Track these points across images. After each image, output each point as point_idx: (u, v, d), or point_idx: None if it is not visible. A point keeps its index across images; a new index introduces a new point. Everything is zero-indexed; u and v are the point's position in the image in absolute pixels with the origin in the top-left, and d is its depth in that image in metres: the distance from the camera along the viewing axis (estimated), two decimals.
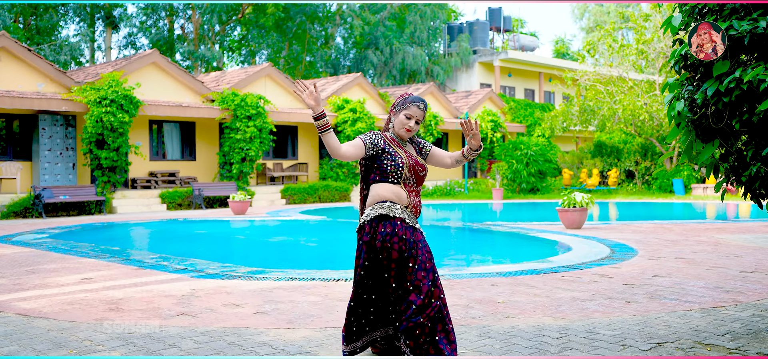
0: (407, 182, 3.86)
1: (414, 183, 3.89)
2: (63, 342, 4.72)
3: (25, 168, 18.35)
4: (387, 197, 3.82)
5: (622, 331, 4.81)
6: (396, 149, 3.85)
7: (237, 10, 39.12)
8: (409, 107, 3.84)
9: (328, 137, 3.66)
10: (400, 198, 3.83)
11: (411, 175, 3.86)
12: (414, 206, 3.87)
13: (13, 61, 17.62)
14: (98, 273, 7.67)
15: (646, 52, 25.27)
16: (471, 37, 39.16)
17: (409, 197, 3.84)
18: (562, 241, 10.47)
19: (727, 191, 4.67)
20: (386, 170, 3.82)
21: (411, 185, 3.87)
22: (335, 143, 3.68)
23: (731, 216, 15.78)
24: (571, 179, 27.48)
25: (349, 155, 3.74)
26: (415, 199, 3.87)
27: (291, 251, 11.67)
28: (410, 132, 3.87)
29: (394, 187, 3.83)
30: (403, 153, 3.85)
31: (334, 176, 23.77)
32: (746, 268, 7.58)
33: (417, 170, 3.87)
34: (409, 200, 3.84)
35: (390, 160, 3.82)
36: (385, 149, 3.84)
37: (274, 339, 4.72)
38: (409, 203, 3.84)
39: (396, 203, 3.82)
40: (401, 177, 3.83)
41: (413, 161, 3.87)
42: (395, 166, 3.81)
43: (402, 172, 3.82)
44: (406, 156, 3.85)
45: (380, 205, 3.81)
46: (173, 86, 20.71)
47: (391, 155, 3.83)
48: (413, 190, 3.88)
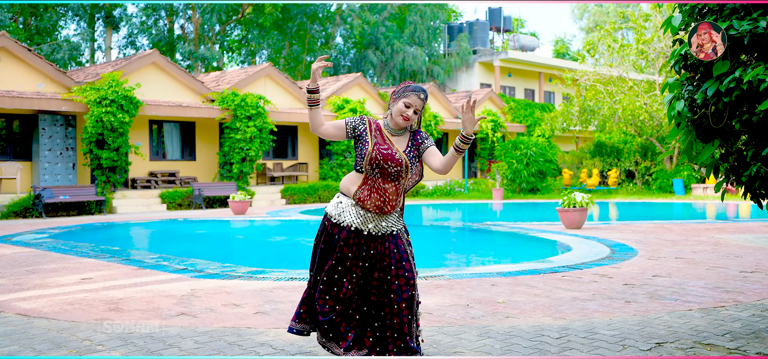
0: (368, 175, 3.63)
1: (379, 178, 3.61)
2: (63, 342, 4.72)
3: (25, 168, 18.35)
4: (342, 189, 3.73)
5: (622, 331, 4.81)
6: (370, 137, 3.64)
7: (237, 10, 39.12)
8: (409, 96, 3.66)
9: (314, 112, 3.60)
10: (349, 191, 3.67)
11: (371, 168, 3.60)
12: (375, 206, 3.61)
13: (13, 61, 17.62)
14: (98, 273, 7.67)
15: (646, 52, 25.27)
16: (471, 37, 39.16)
17: (359, 192, 3.62)
18: (562, 241, 10.47)
19: (727, 191, 4.67)
20: (357, 157, 3.69)
21: (374, 179, 3.62)
22: (319, 119, 3.61)
23: (731, 216, 15.77)
24: (571, 179, 27.47)
25: (329, 134, 3.66)
26: (375, 197, 3.60)
27: (291, 251, 11.67)
28: (407, 121, 3.65)
29: (355, 177, 3.68)
30: (372, 144, 3.61)
31: (334, 176, 23.77)
32: (746, 268, 7.58)
33: (384, 165, 3.59)
34: (357, 194, 3.62)
35: (359, 147, 3.66)
36: (361, 135, 3.66)
37: (274, 339, 4.73)
38: (357, 198, 3.62)
39: (346, 196, 3.69)
40: (362, 167, 3.65)
41: (382, 154, 3.58)
42: (360, 155, 3.64)
43: (363, 162, 3.62)
44: (373, 147, 3.60)
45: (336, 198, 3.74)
46: (173, 86, 20.70)
47: (362, 142, 3.64)
48: (377, 186, 3.61)
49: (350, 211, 3.67)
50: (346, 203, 3.69)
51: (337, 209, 3.70)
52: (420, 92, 3.70)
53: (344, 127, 3.68)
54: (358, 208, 3.66)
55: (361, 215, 3.65)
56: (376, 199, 3.62)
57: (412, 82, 3.81)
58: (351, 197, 3.68)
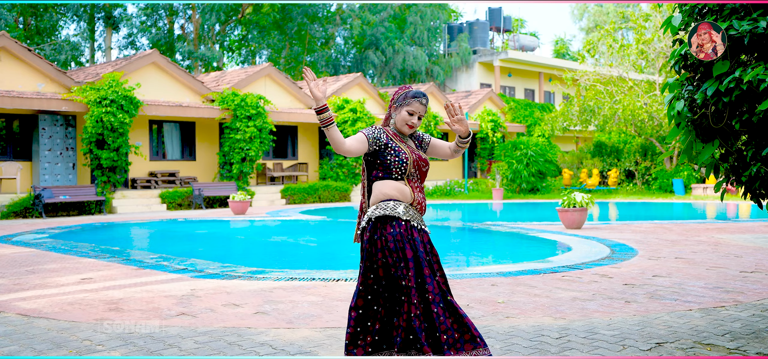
0: (411, 178, 3.76)
1: (417, 179, 3.80)
2: (63, 342, 4.72)
3: (25, 168, 18.35)
4: (391, 194, 3.72)
5: (622, 331, 4.81)
6: (399, 144, 3.76)
7: (237, 10, 39.12)
8: (412, 103, 3.75)
9: (332, 131, 3.56)
10: (405, 195, 3.73)
11: (415, 170, 3.76)
12: (419, 203, 3.77)
13: (13, 61, 17.62)
14: (98, 273, 7.67)
15: (646, 52, 25.27)
16: (471, 37, 39.16)
17: (413, 194, 3.74)
18: (562, 241, 10.47)
19: (727, 191, 4.67)
20: (389, 166, 3.72)
21: (414, 181, 3.78)
22: (339, 137, 3.59)
23: (731, 216, 15.77)
24: (571, 179, 27.47)
25: (353, 150, 3.66)
26: (419, 195, 3.77)
27: (291, 251, 11.67)
28: (412, 128, 3.78)
29: (398, 184, 3.73)
30: (406, 148, 3.76)
31: (334, 176, 23.77)
32: (746, 268, 7.58)
33: (420, 165, 3.78)
34: (413, 196, 3.74)
35: (393, 155, 3.71)
36: (387, 144, 3.73)
37: (274, 339, 4.72)
38: (414, 200, 3.74)
39: (400, 200, 3.72)
40: (405, 173, 3.74)
41: (416, 155, 3.77)
42: (399, 162, 3.71)
43: (406, 168, 3.72)
44: (409, 151, 3.75)
45: (385, 204, 3.70)
46: (173, 86, 20.70)
47: (394, 150, 3.72)
48: (417, 186, 3.78)
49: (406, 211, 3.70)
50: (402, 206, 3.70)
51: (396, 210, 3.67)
52: (421, 98, 3.77)
53: (366, 140, 3.69)
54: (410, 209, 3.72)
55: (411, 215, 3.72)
56: (421, 198, 3.81)
57: (411, 88, 3.83)
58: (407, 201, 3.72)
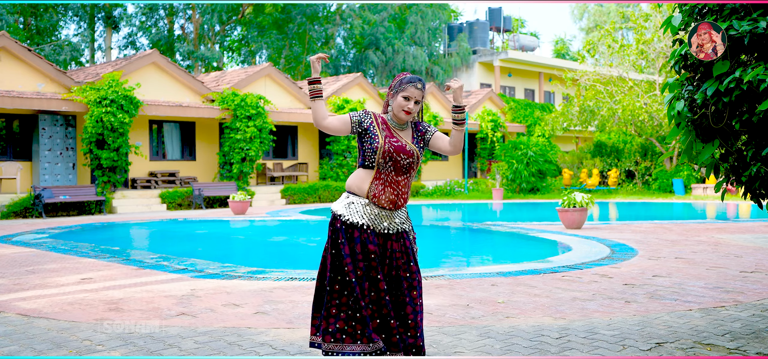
0: (382, 169, 3.56)
1: (392, 172, 3.57)
2: (63, 342, 4.72)
3: (25, 168, 18.35)
4: (352, 187, 3.61)
5: (622, 331, 4.81)
6: (379, 131, 3.59)
7: (237, 10, 39.12)
8: (407, 88, 3.60)
9: (317, 104, 3.52)
10: (361, 189, 3.57)
11: (385, 161, 3.55)
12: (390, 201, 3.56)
13: (13, 61, 17.62)
14: (98, 273, 7.67)
15: (646, 52, 25.27)
16: (471, 37, 39.16)
17: (373, 188, 3.56)
18: (562, 241, 10.47)
19: (727, 191, 4.67)
20: (364, 152, 3.60)
21: (387, 173, 3.57)
22: (323, 111, 3.53)
23: (731, 216, 15.77)
24: (571, 179, 27.47)
25: (333, 127, 3.57)
26: (389, 192, 3.56)
27: (291, 251, 11.67)
28: (409, 114, 3.60)
29: (365, 174, 3.60)
30: (383, 136, 3.57)
31: (334, 176, 23.77)
32: (746, 268, 7.58)
33: (397, 157, 3.55)
34: (371, 191, 3.55)
35: (368, 142, 3.57)
36: (368, 129, 3.59)
37: (274, 339, 4.72)
38: (372, 195, 3.55)
39: (358, 196, 3.59)
40: (374, 162, 3.56)
41: (394, 146, 3.55)
42: (371, 150, 3.55)
43: (375, 157, 3.55)
44: (384, 140, 3.56)
45: (347, 201, 3.60)
46: (173, 86, 20.70)
47: (371, 136, 3.57)
48: (390, 180, 3.57)
49: (364, 210, 3.57)
50: (358, 202, 3.58)
51: (349, 210, 3.58)
52: (416, 82, 3.63)
53: (349, 121, 3.59)
54: (371, 206, 3.57)
55: (374, 214, 3.57)
56: (390, 193, 3.57)
57: (407, 74, 3.72)
58: (363, 196, 3.58)
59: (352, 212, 3.57)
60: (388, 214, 3.59)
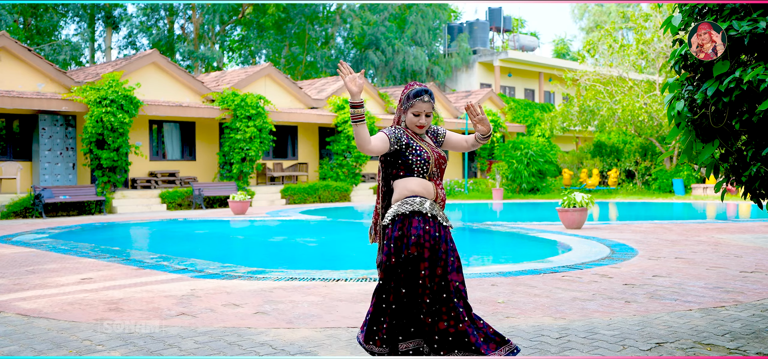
0: (433, 176, 3.81)
1: (438, 176, 3.85)
2: (63, 342, 4.72)
3: (25, 168, 18.35)
4: (417, 191, 3.75)
5: (622, 331, 4.81)
6: (419, 142, 3.79)
7: (237, 10, 39.12)
8: (415, 104, 3.75)
9: (361, 128, 3.57)
10: (429, 192, 3.77)
11: (436, 169, 3.82)
12: (442, 199, 3.83)
13: (13, 61, 17.62)
14: (98, 273, 7.67)
15: (646, 52, 25.26)
16: (471, 37, 39.16)
17: (436, 191, 3.80)
18: (562, 241, 10.47)
19: (727, 191, 4.67)
20: (411, 165, 3.75)
21: (436, 178, 3.83)
22: (366, 135, 3.59)
23: (731, 216, 15.77)
24: (571, 179, 27.48)
25: (376, 149, 3.67)
26: (441, 192, 3.83)
27: (291, 251, 11.67)
28: (423, 128, 3.80)
29: (422, 180, 3.77)
30: (427, 146, 3.80)
31: (334, 176, 23.77)
32: (746, 268, 7.58)
33: (440, 162, 3.83)
34: (436, 193, 3.80)
35: (415, 155, 3.74)
36: (408, 144, 3.75)
37: (274, 339, 4.72)
38: (437, 197, 3.80)
39: (426, 197, 3.76)
40: (427, 172, 3.78)
41: (437, 154, 3.82)
42: (421, 161, 3.75)
43: (428, 166, 3.76)
44: (430, 150, 3.80)
45: (411, 200, 3.73)
46: (173, 86, 20.70)
47: (415, 149, 3.75)
48: (438, 183, 3.84)
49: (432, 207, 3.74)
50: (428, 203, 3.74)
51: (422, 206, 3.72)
52: (423, 95, 3.76)
53: (387, 140, 3.72)
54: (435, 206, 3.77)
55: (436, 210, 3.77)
56: (443, 194, 3.87)
57: (413, 85, 3.82)
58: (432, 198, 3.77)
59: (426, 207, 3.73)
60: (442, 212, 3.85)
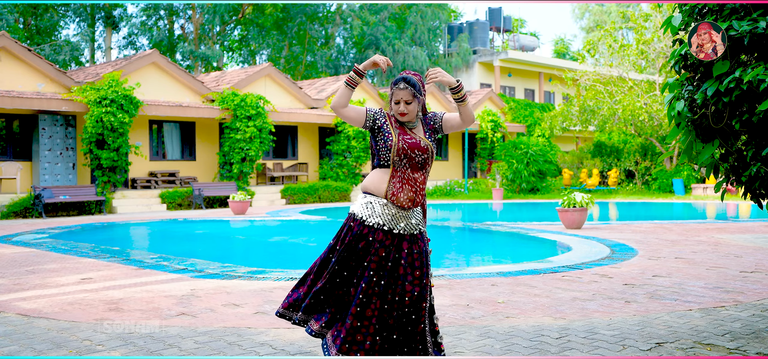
0: (395, 166, 3.58)
1: (408, 169, 3.58)
2: (63, 342, 4.72)
3: (25, 168, 18.35)
4: (369, 188, 3.62)
5: (622, 331, 4.81)
6: (392, 129, 3.61)
7: (237, 10, 39.12)
8: (393, 92, 3.65)
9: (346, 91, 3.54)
10: (379, 189, 3.58)
11: (400, 159, 3.56)
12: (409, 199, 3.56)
13: (13, 61, 17.61)
14: (98, 273, 7.67)
15: (646, 52, 25.26)
16: (471, 37, 39.15)
17: (391, 186, 3.56)
18: (562, 241, 10.47)
19: (727, 191, 4.67)
20: (378, 151, 3.62)
21: (404, 171, 3.58)
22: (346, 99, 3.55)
23: (731, 216, 15.77)
24: (571, 179, 27.47)
25: (349, 116, 3.59)
26: (407, 189, 3.56)
27: (291, 251, 11.67)
28: (405, 116, 3.61)
29: (381, 174, 3.61)
30: (396, 134, 3.59)
31: (334, 176, 23.77)
32: (746, 268, 7.58)
33: (410, 154, 3.57)
34: (389, 190, 3.55)
35: (381, 141, 3.60)
36: (382, 127, 3.62)
37: (274, 339, 4.73)
38: (390, 194, 3.55)
39: (376, 196, 3.59)
40: (389, 160, 3.58)
41: (408, 143, 3.57)
42: (385, 148, 3.58)
43: (390, 155, 3.57)
44: (397, 137, 3.58)
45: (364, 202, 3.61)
46: (173, 86, 20.70)
47: (383, 134, 3.60)
48: (407, 178, 3.58)
49: (382, 210, 3.56)
50: (377, 202, 3.58)
51: (367, 210, 3.58)
52: (399, 82, 3.63)
53: (365, 113, 3.62)
54: (389, 206, 3.57)
55: (392, 214, 3.57)
56: (408, 191, 3.58)
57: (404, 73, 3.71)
58: (382, 196, 3.58)
59: (370, 213, 3.58)
60: (405, 214, 3.59)
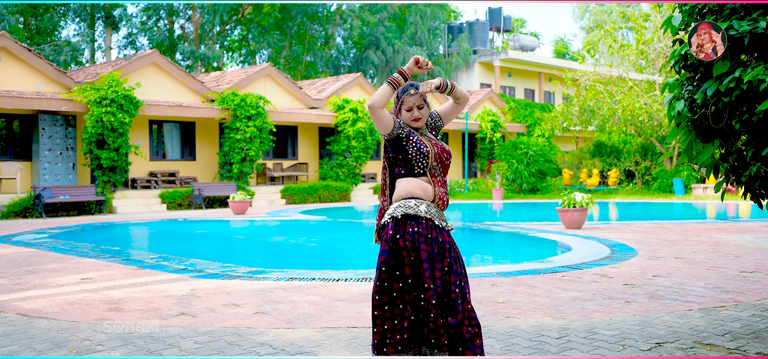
0: (433, 172, 3.65)
1: (440, 173, 3.68)
2: (63, 342, 4.72)
3: (25, 168, 18.35)
4: (413, 192, 3.62)
5: (622, 331, 4.81)
6: (420, 136, 3.67)
7: (237, 10, 39.12)
8: (404, 101, 3.68)
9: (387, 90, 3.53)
10: (426, 192, 3.61)
11: (437, 163, 3.66)
12: (440, 199, 3.65)
13: (13, 61, 17.61)
14: (98, 273, 7.67)
15: (646, 52, 25.27)
16: (471, 37, 39.15)
17: (434, 190, 3.63)
18: (562, 241, 10.47)
19: (727, 191, 4.67)
20: (411, 160, 3.62)
21: (437, 175, 3.66)
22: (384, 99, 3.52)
23: (731, 216, 15.77)
24: (571, 179, 27.47)
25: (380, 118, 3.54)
26: (441, 190, 3.65)
27: (291, 251, 11.66)
28: (418, 121, 3.68)
29: (420, 180, 3.64)
30: (428, 141, 3.65)
31: (334, 176, 23.77)
32: (746, 268, 7.58)
33: (442, 158, 3.67)
34: (434, 192, 3.63)
35: (415, 148, 3.62)
36: (409, 136, 3.64)
37: (274, 339, 4.72)
38: (435, 196, 3.63)
39: (422, 198, 3.62)
40: (427, 167, 3.64)
41: (439, 148, 3.66)
42: (421, 155, 3.60)
43: (428, 161, 3.61)
44: (431, 144, 3.65)
45: (405, 202, 3.60)
46: (173, 86, 20.70)
47: (415, 142, 3.62)
48: (439, 181, 3.67)
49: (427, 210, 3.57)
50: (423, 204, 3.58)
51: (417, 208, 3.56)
52: (409, 89, 3.68)
53: (393, 120, 3.62)
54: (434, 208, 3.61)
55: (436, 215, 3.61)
56: (443, 193, 3.67)
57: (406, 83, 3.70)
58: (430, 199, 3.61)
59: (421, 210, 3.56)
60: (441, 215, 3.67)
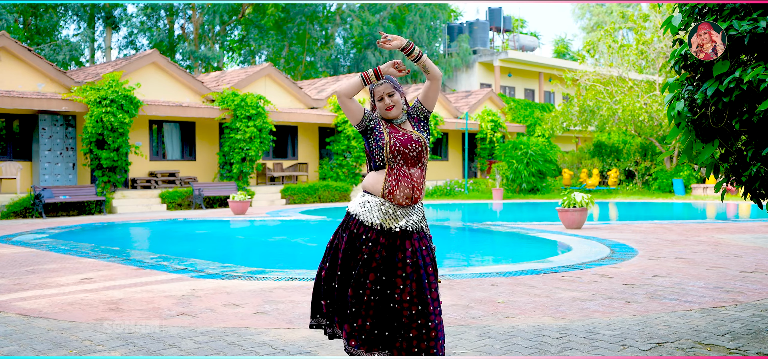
0: (392, 165, 3.56)
1: (403, 165, 3.56)
2: (63, 342, 4.72)
3: (25, 168, 18.35)
4: (367, 188, 3.63)
5: (622, 331, 4.81)
6: (384, 128, 3.60)
7: (237, 10, 39.12)
8: (376, 91, 3.67)
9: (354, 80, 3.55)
10: (376, 189, 3.57)
11: (394, 156, 3.55)
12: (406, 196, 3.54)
13: (13, 61, 17.61)
14: (98, 273, 7.67)
15: (646, 52, 25.26)
16: (471, 37, 39.14)
17: (387, 185, 3.54)
18: (562, 241, 10.47)
19: (727, 191, 4.67)
20: (372, 153, 3.62)
21: (399, 168, 3.55)
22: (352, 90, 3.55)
23: (731, 216, 15.77)
24: (571, 179, 27.47)
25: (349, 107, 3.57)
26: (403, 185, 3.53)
27: (291, 251, 11.67)
28: (391, 109, 3.61)
29: (377, 175, 3.60)
30: (387, 132, 3.59)
31: (334, 176, 23.77)
32: (746, 268, 7.58)
33: (404, 150, 3.55)
34: (385, 188, 3.54)
35: (374, 141, 3.59)
36: (375, 128, 3.62)
37: (274, 339, 4.73)
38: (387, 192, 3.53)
39: (373, 195, 3.58)
40: (382, 159, 3.56)
41: (400, 140, 3.56)
42: (378, 148, 3.57)
43: (383, 153, 3.56)
44: (389, 135, 3.57)
45: (360, 197, 3.63)
46: (173, 86, 20.70)
47: (376, 134, 3.60)
48: (403, 174, 3.55)
49: (378, 209, 3.55)
50: (373, 201, 3.57)
51: (364, 208, 3.58)
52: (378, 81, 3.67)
53: (362, 111, 3.62)
54: (387, 204, 3.55)
55: (390, 213, 3.55)
56: (405, 187, 3.55)
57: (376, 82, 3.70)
58: (378, 194, 3.57)
59: (366, 210, 3.57)
60: (404, 212, 3.56)
